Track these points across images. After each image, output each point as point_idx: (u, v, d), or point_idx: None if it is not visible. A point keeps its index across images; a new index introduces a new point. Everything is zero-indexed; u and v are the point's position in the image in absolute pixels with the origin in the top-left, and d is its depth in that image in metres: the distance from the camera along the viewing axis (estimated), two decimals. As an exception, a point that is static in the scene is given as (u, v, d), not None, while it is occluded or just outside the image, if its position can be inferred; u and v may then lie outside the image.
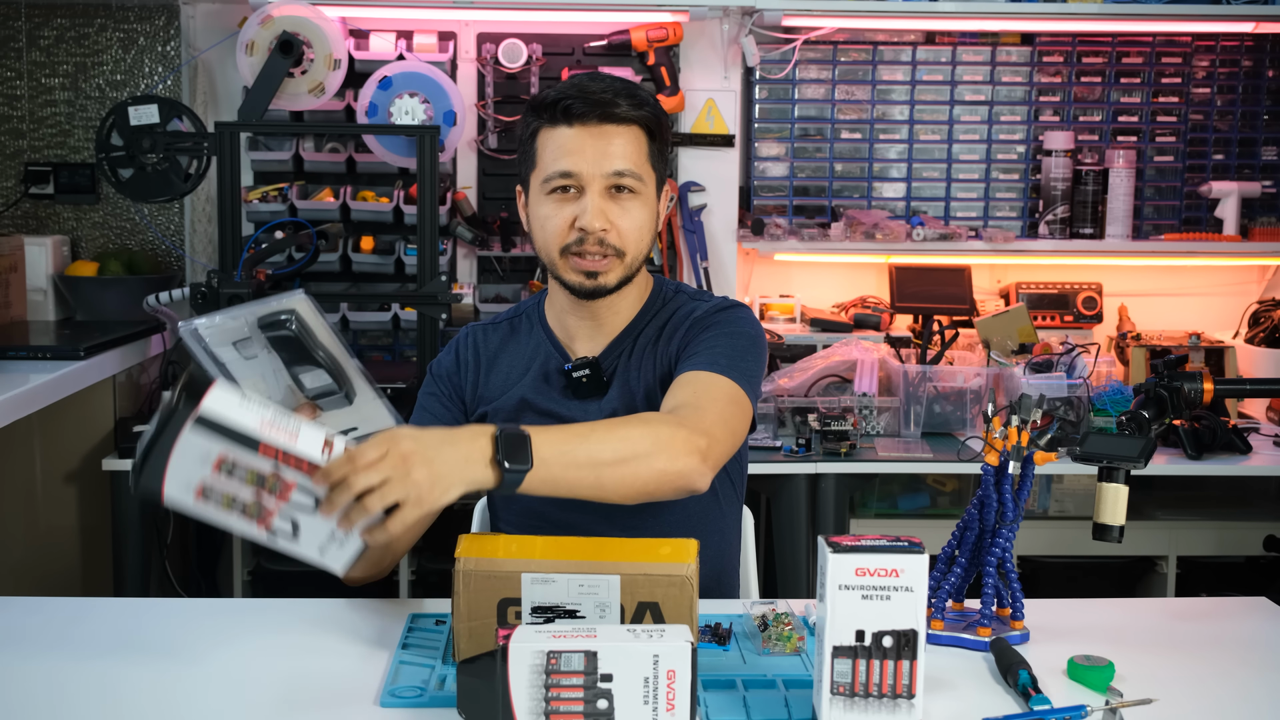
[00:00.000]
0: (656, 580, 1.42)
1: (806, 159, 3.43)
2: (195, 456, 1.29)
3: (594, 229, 1.68)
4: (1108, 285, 3.47)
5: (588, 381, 1.76)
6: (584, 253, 1.70)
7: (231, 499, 1.32)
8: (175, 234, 3.33)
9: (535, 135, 1.73)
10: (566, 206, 1.70)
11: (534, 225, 1.76)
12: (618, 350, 1.80)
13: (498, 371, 1.84)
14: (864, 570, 1.27)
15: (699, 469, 1.53)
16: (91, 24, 3.27)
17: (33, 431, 2.80)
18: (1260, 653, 1.61)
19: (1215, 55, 3.45)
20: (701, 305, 1.80)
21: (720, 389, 1.65)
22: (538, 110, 1.72)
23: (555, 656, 1.20)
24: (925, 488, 3.17)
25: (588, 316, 1.79)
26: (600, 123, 1.68)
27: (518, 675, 1.20)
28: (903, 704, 1.29)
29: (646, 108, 1.71)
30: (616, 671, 1.21)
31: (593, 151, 1.68)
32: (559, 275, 1.74)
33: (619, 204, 1.70)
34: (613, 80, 1.72)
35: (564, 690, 1.21)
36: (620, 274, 1.73)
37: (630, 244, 1.71)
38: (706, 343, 1.72)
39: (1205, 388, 1.76)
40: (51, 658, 1.51)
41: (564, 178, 1.69)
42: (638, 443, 1.51)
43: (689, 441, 1.52)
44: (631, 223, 1.71)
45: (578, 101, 1.68)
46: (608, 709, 1.21)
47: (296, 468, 1.31)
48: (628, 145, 1.70)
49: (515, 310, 1.91)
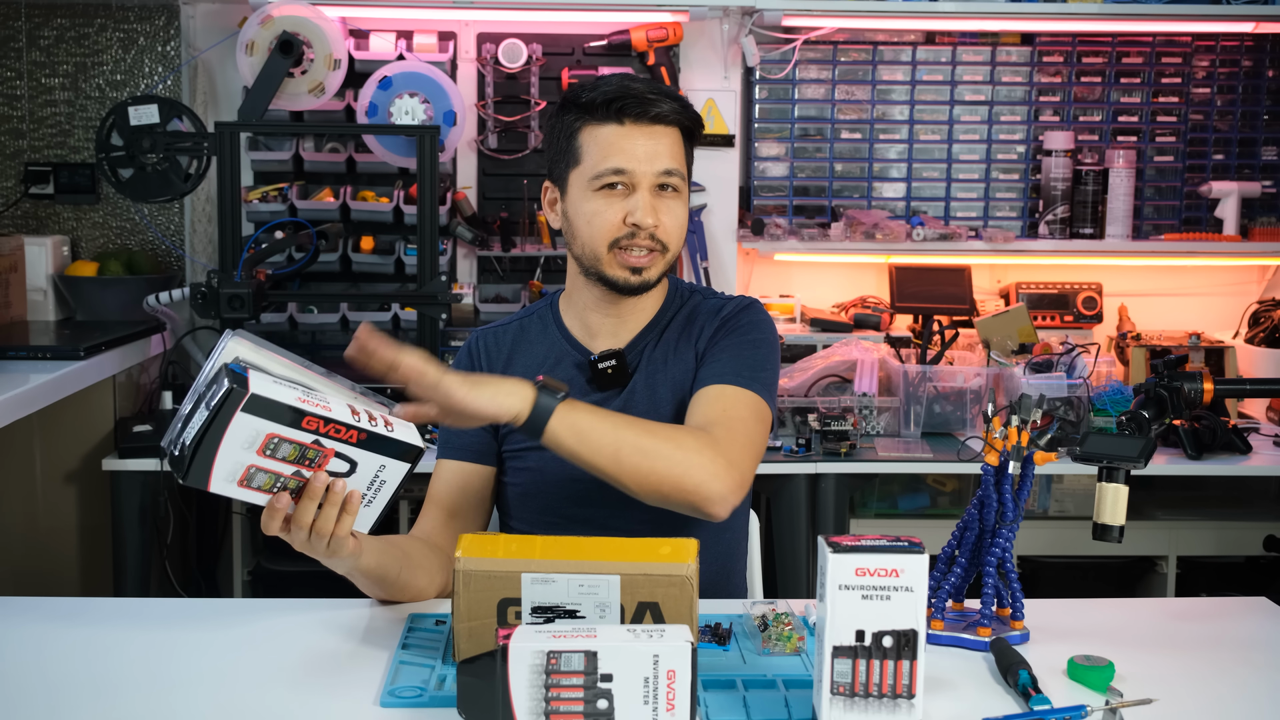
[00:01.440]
0: (656, 580, 1.42)
1: (806, 159, 3.43)
2: (243, 441, 1.35)
3: (647, 225, 1.72)
4: (1108, 285, 3.47)
5: (613, 373, 1.80)
6: (633, 247, 1.74)
7: (275, 478, 1.39)
8: (175, 234, 3.33)
9: (578, 133, 1.75)
10: (616, 202, 1.74)
11: (577, 221, 1.77)
12: (641, 345, 1.83)
13: (513, 371, 1.85)
14: (864, 570, 1.27)
15: (724, 500, 1.59)
16: (91, 24, 3.27)
17: (33, 431, 2.80)
18: (1260, 653, 1.61)
19: (1215, 55, 3.45)
20: (724, 302, 1.85)
21: (747, 406, 1.72)
22: (584, 108, 1.74)
23: (555, 656, 1.20)
24: (925, 488, 3.17)
25: (614, 314, 1.83)
26: (651, 123, 1.73)
27: (518, 675, 1.20)
28: (903, 704, 1.29)
29: (689, 111, 1.78)
30: (616, 671, 1.21)
31: (644, 150, 1.72)
32: (602, 270, 1.76)
33: (664, 202, 1.75)
34: (651, 81, 1.77)
35: (564, 690, 1.21)
36: (661, 269, 1.78)
37: (674, 240, 1.77)
38: (730, 349, 1.78)
39: (1205, 388, 1.76)
40: (51, 657, 1.51)
41: (616, 175, 1.72)
42: (671, 446, 1.59)
43: (725, 472, 1.59)
44: (675, 220, 1.76)
45: (631, 101, 1.71)
46: (608, 709, 1.21)
47: (334, 435, 1.39)
48: (673, 145, 1.75)
49: (524, 313, 1.93)
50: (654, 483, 1.57)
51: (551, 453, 1.80)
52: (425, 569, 1.70)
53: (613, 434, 1.56)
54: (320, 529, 1.43)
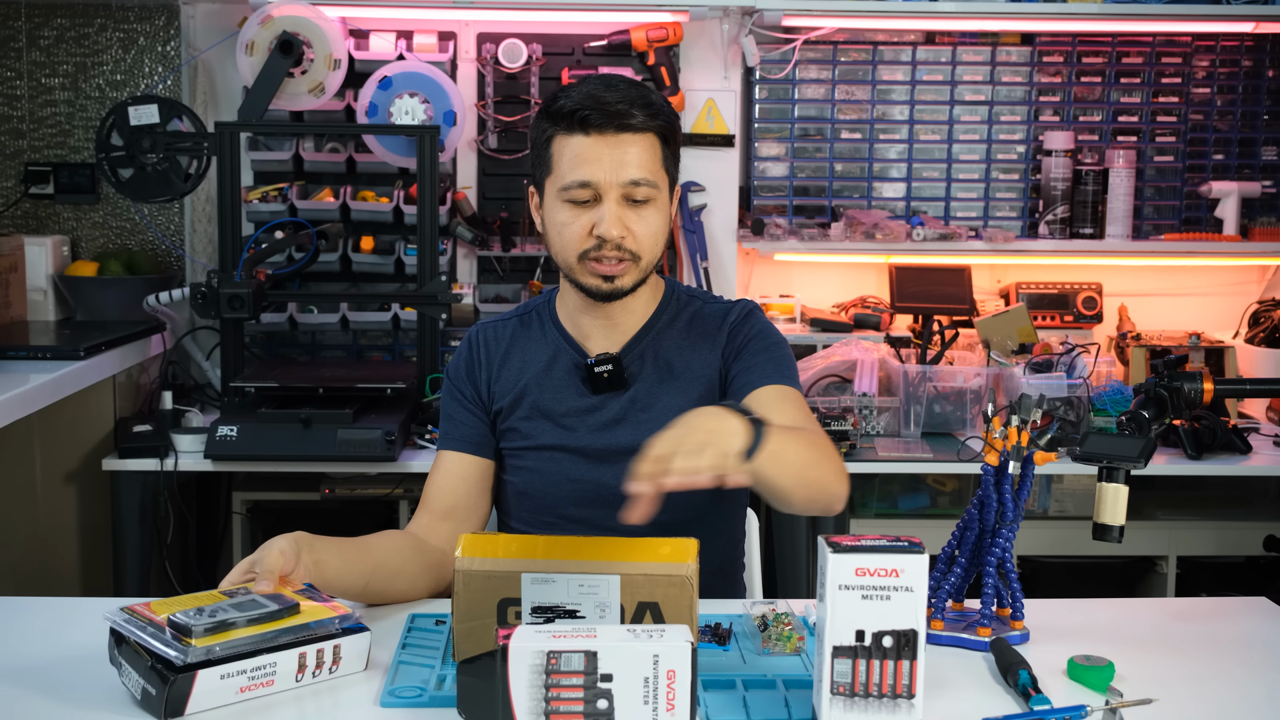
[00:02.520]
0: (656, 580, 1.42)
1: (806, 159, 3.43)
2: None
3: (612, 237, 1.71)
4: (1108, 285, 3.47)
5: (608, 377, 1.80)
6: (602, 258, 1.73)
7: None
8: (175, 234, 3.33)
9: (550, 141, 1.74)
10: (584, 214, 1.73)
11: (550, 230, 1.78)
12: (638, 348, 1.83)
13: (510, 366, 1.86)
14: (864, 570, 1.27)
15: (844, 497, 1.61)
16: (91, 24, 3.27)
17: (33, 431, 2.80)
18: (1260, 653, 1.61)
19: (1215, 55, 3.45)
20: (727, 308, 1.86)
21: (805, 405, 1.79)
22: (554, 118, 1.73)
23: (555, 656, 1.20)
24: (925, 488, 3.17)
25: (602, 317, 1.83)
26: (617, 132, 1.70)
27: (518, 675, 1.20)
28: (903, 704, 1.29)
29: (661, 116, 1.74)
30: (616, 671, 1.21)
31: (609, 161, 1.70)
32: (575, 279, 1.77)
33: (635, 211, 1.73)
34: (628, 88, 1.73)
35: (564, 690, 1.21)
36: (635, 277, 1.76)
37: (646, 249, 1.75)
38: (761, 352, 1.81)
39: (1205, 388, 1.76)
40: (51, 657, 1.51)
41: (582, 187, 1.71)
42: (819, 454, 1.57)
43: (844, 470, 1.62)
44: (647, 229, 1.74)
45: (595, 113, 1.69)
46: (608, 709, 1.21)
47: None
48: (643, 153, 1.72)
49: (523, 308, 1.93)
50: (813, 493, 1.55)
51: (550, 453, 1.81)
52: (406, 574, 1.70)
53: (794, 451, 1.49)
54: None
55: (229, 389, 2.84)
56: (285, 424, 2.67)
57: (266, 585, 1.46)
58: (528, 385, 1.83)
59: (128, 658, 1.38)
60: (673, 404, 1.78)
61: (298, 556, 1.53)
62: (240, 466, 2.80)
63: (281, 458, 2.69)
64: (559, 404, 1.81)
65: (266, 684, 1.39)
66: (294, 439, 2.66)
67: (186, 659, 1.32)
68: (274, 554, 1.51)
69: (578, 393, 1.81)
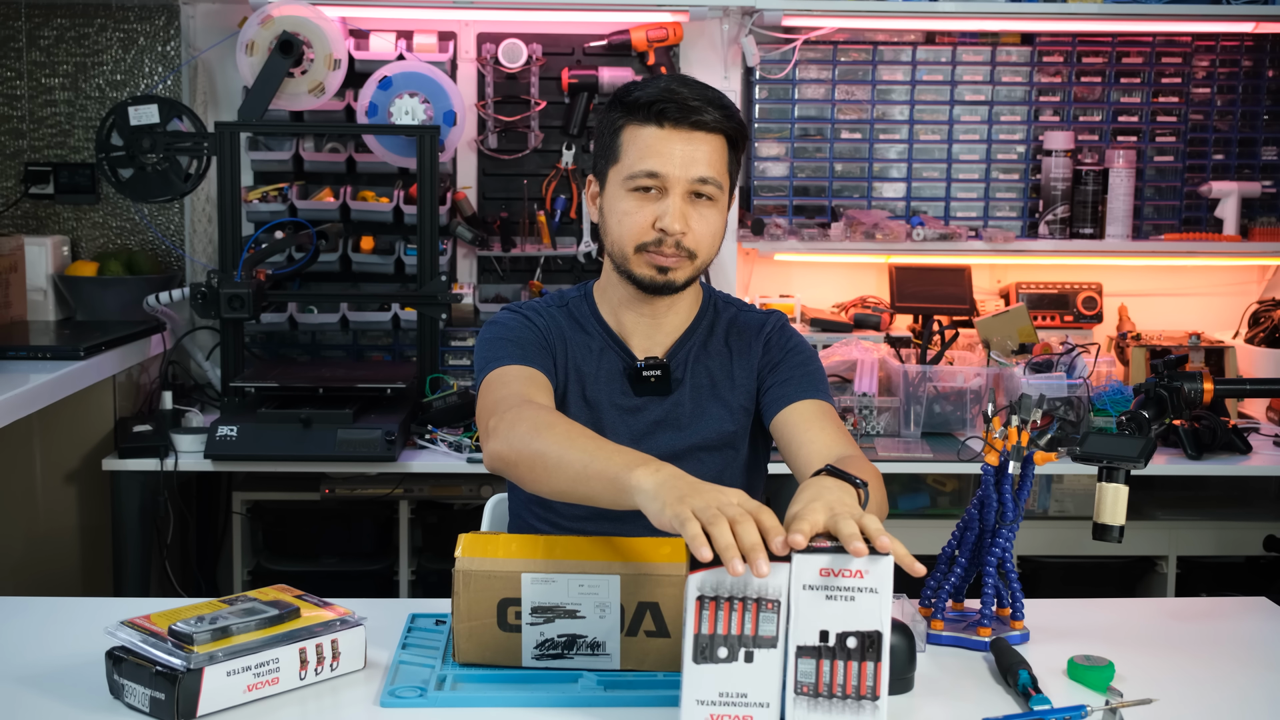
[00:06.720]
0: (657, 580, 1.42)
1: (806, 159, 3.43)
2: None
3: (674, 231, 1.72)
4: (1108, 285, 3.47)
5: (655, 381, 1.81)
6: (660, 252, 1.74)
7: None
8: (175, 234, 3.33)
9: (620, 130, 1.75)
10: (648, 205, 1.73)
11: (610, 218, 1.78)
12: (682, 352, 1.84)
13: (570, 350, 1.84)
14: (829, 571, 1.27)
15: None
16: (91, 24, 3.27)
17: (33, 431, 2.80)
18: (1260, 653, 1.61)
19: (1215, 55, 3.45)
20: (763, 319, 1.89)
21: (840, 422, 1.81)
22: (628, 108, 1.74)
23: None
24: (925, 488, 3.17)
25: (647, 314, 1.83)
26: (690, 129, 1.71)
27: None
28: (867, 705, 1.28)
29: (734, 119, 1.76)
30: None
31: (680, 155, 1.71)
32: (629, 269, 1.77)
33: (697, 209, 1.74)
34: (702, 88, 1.75)
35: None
36: (688, 274, 1.77)
37: (704, 248, 1.76)
38: (798, 367, 1.84)
39: (1205, 388, 1.76)
40: (50, 658, 1.51)
41: (649, 177, 1.72)
42: (881, 484, 1.62)
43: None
44: (707, 228, 1.75)
45: (672, 105, 1.70)
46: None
47: None
48: (712, 153, 1.73)
49: (558, 299, 1.90)
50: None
51: None
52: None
53: (877, 494, 1.55)
54: None
55: (229, 389, 2.84)
56: (285, 424, 2.67)
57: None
58: (584, 375, 1.83)
59: (129, 675, 1.38)
60: (714, 416, 1.82)
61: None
62: (240, 466, 2.80)
63: (281, 458, 2.69)
64: (605, 398, 1.82)
65: (272, 681, 1.39)
66: (294, 439, 2.66)
67: (190, 665, 1.33)
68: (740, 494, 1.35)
69: (621, 390, 1.82)
